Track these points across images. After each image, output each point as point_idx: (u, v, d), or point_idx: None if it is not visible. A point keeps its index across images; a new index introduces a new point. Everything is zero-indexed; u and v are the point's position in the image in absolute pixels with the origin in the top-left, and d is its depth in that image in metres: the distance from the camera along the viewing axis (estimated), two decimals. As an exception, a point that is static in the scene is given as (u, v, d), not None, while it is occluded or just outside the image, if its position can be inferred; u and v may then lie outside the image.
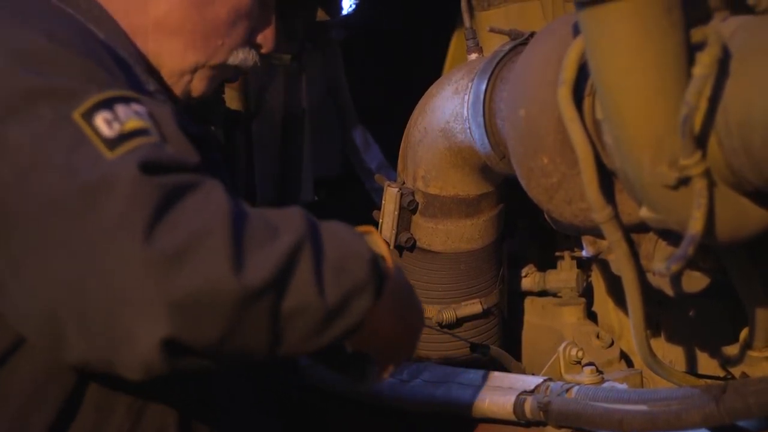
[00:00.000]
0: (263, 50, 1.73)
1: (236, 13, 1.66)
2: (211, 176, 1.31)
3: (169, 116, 1.36)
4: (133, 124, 1.30)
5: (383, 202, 2.05)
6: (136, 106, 1.33)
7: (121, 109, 1.31)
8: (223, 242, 1.23)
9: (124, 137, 1.28)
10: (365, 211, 2.13)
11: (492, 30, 1.97)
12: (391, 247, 2.04)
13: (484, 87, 1.85)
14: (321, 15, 2.00)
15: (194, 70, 1.66)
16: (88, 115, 1.30)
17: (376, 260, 1.36)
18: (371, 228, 1.47)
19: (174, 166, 1.28)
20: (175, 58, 1.64)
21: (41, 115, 1.29)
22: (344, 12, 1.93)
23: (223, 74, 1.72)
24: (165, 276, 1.21)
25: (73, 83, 1.32)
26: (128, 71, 1.49)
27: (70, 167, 1.26)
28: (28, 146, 1.28)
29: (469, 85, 1.90)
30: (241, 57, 1.69)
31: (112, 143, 1.27)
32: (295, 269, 1.27)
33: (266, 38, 1.73)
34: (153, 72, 1.62)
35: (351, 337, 1.36)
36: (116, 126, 1.29)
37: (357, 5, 1.89)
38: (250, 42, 1.70)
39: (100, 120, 1.29)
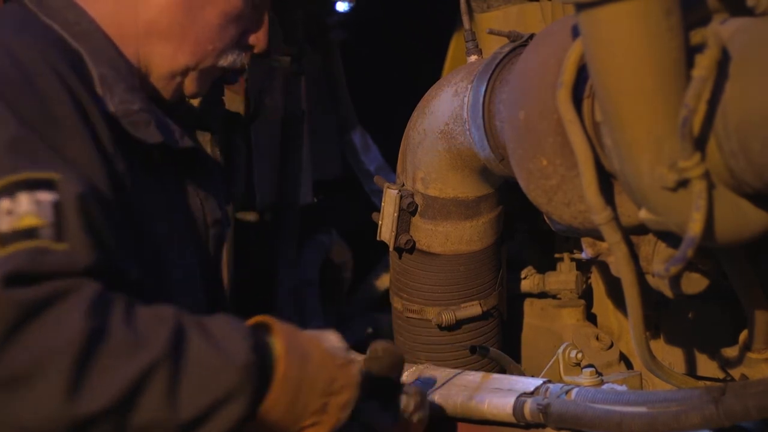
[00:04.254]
0: (255, 50, 1.74)
1: (226, 17, 1.66)
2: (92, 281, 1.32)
3: (75, 206, 1.35)
4: (28, 221, 1.31)
5: (382, 204, 2.04)
6: (41, 195, 1.33)
7: (24, 199, 1.32)
8: (64, 368, 1.26)
9: (12, 236, 1.29)
10: (364, 213, 2.13)
11: (491, 32, 1.97)
12: (391, 248, 2.04)
13: (483, 89, 1.85)
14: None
15: (184, 73, 1.68)
16: None
17: (251, 365, 1.36)
18: (266, 318, 1.46)
19: (47, 274, 1.29)
20: (165, 61, 1.65)
21: None
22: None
23: (213, 75, 1.73)
24: None
25: None
26: (93, 94, 1.50)
27: None
28: None
29: (469, 87, 1.90)
30: (230, 59, 1.71)
31: (2, 240, 1.29)
32: (144, 389, 1.30)
33: (258, 39, 1.74)
34: (144, 83, 1.63)
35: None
36: (9, 221, 1.30)
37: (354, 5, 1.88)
38: (240, 44, 1.71)
39: None
